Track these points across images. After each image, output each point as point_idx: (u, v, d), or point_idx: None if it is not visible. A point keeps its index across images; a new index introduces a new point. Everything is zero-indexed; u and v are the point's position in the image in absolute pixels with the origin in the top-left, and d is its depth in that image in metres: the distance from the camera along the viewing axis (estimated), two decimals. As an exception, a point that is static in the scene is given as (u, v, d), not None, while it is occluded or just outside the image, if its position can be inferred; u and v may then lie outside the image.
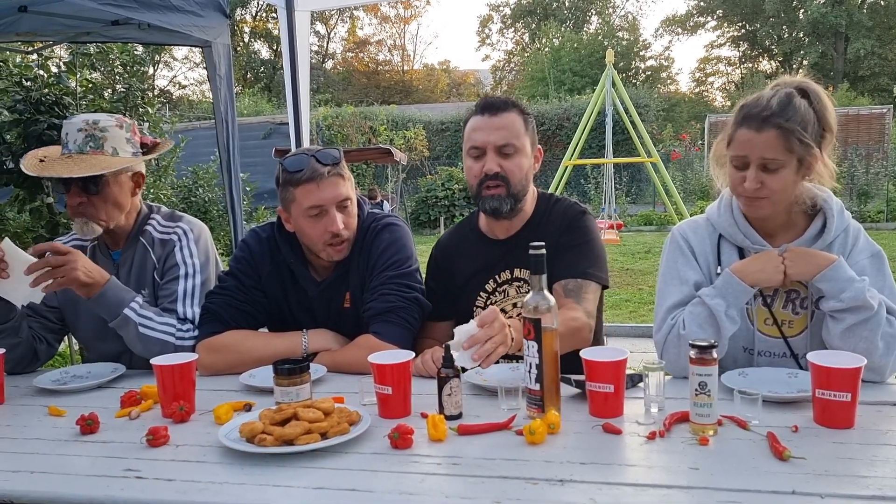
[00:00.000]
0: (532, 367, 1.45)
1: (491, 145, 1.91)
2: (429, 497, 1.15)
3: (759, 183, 1.63)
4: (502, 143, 1.91)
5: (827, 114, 1.66)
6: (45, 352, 2.15)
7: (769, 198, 1.65)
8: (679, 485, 1.14)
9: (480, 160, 1.93)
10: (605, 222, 11.74)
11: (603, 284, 1.95)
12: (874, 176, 14.42)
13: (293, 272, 2.05)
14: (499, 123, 1.92)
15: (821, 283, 1.63)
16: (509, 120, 1.93)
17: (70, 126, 2.04)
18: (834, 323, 1.63)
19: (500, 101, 1.95)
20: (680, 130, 22.74)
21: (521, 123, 1.95)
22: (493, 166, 1.91)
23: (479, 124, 1.94)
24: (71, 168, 1.96)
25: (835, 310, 1.62)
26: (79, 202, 2.03)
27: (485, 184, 1.93)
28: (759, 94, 1.69)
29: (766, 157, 1.62)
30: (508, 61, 42.27)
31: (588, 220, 2.01)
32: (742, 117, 1.66)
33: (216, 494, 1.20)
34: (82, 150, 2.01)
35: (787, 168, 1.63)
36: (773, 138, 1.61)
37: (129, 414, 1.63)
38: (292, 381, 1.56)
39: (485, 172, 1.92)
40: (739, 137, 1.65)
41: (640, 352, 2.53)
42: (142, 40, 3.88)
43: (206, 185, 8.56)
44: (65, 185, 2.03)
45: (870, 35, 30.09)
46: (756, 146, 1.62)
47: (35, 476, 1.32)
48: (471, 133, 1.96)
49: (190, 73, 40.68)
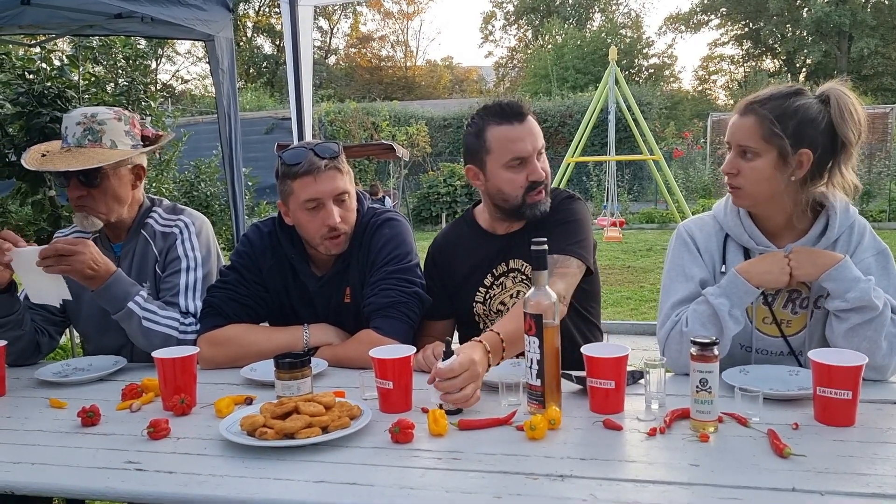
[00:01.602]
0: (533, 362, 1.45)
1: (534, 152, 1.90)
2: (429, 491, 1.15)
3: (736, 169, 1.66)
4: (541, 146, 1.91)
5: (844, 125, 1.61)
6: (46, 344, 2.15)
7: (743, 188, 1.67)
8: (679, 481, 1.14)
9: (523, 169, 1.89)
10: (607, 220, 11.73)
11: (587, 265, 1.90)
12: (877, 175, 14.40)
13: (294, 267, 2.05)
14: (533, 129, 1.90)
15: (826, 282, 1.62)
16: (535, 123, 1.93)
17: (69, 120, 2.04)
18: (838, 322, 1.63)
19: (518, 104, 1.91)
20: (682, 128, 22.69)
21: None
22: (542, 172, 1.90)
23: (516, 134, 1.88)
24: (69, 161, 1.96)
25: (840, 309, 1.62)
26: (79, 195, 2.03)
27: (533, 190, 1.90)
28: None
29: (742, 143, 1.65)
30: (511, 58, 42.23)
31: (576, 204, 2.00)
32: (739, 105, 1.70)
33: (216, 487, 1.20)
34: (80, 143, 2.01)
35: (762, 158, 1.63)
36: (750, 124, 1.64)
37: (130, 406, 1.63)
38: (293, 375, 1.56)
39: (533, 180, 1.89)
40: (730, 122, 1.70)
41: (640, 349, 2.53)
42: (145, 34, 3.88)
43: (208, 180, 8.57)
44: (65, 179, 2.03)
45: (873, 34, 29.99)
46: (737, 131, 1.66)
47: (36, 467, 1.32)
48: (508, 144, 1.88)
49: (192, 67, 40.75)
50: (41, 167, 2.01)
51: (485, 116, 1.92)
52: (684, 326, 1.70)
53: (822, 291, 1.67)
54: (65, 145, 2.03)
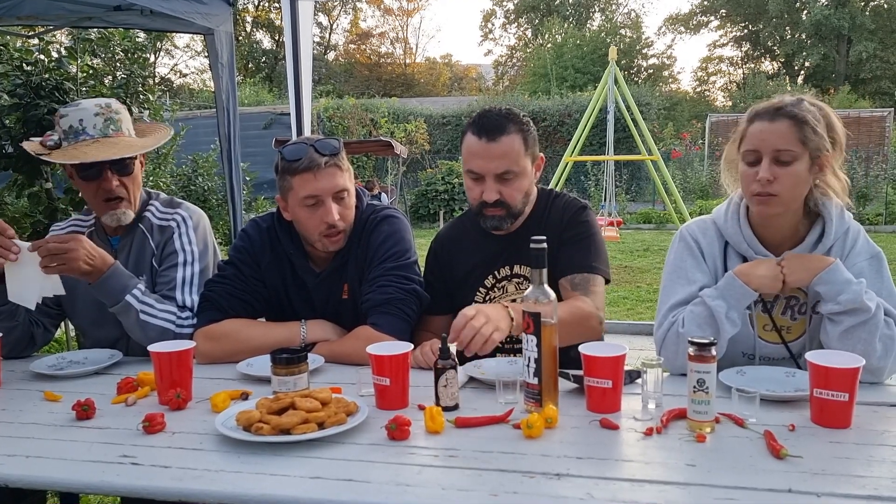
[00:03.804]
0: (531, 361, 1.45)
1: (490, 174, 1.88)
2: (425, 489, 1.15)
3: (773, 176, 1.61)
4: (502, 171, 1.87)
5: (834, 125, 1.66)
6: (41, 336, 2.14)
7: (780, 195, 1.63)
8: (676, 481, 1.14)
9: (480, 184, 1.91)
10: (605, 219, 11.73)
11: (606, 278, 1.95)
12: (874, 179, 14.43)
13: (292, 263, 2.05)
14: (498, 152, 1.85)
15: (818, 286, 1.62)
16: (508, 145, 1.85)
17: (83, 112, 1.99)
18: (832, 325, 1.63)
19: (498, 123, 1.86)
20: (681, 129, 22.68)
21: (520, 144, 1.88)
22: (493, 195, 1.88)
23: (477, 150, 1.87)
24: (108, 151, 1.94)
25: (833, 312, 1.62)
26: (116, 185, 2.01)
27: (485, 208, 1.91)
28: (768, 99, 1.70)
29: (780, 147, 1.61)
30: (511, 56, 42.18)
31: (589, 215, 2.01)
32: (755, 113, 1.67)
33: (212, 482, 1.19)
34: (105, 133, 2.00)
35: (799, 162, 1.62)
36: (787, 128, 1.61)
37: (125, 400, 1.62)
38: (290, 371, 1.55)
39: (484, 200, 1.90)
40: (752, 131, 1.65)
41: (637, 349, 2.54)
42: (144, 26, 3.86)
43: (206, 174, 8.54)
44: (97, 172, 1.98)
45: (872, 38, 30.04)
46: (769, 137, 1.61)
47: (30, 461, 1.32)
48: (469, 157, 1.90)
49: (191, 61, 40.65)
50: (83, 160, 1.93)
51: (469, 121, 1.93)
52: (681, 327, 1.69)
53: (818, 296, 1.68)
54: (85, 137, 1.98)
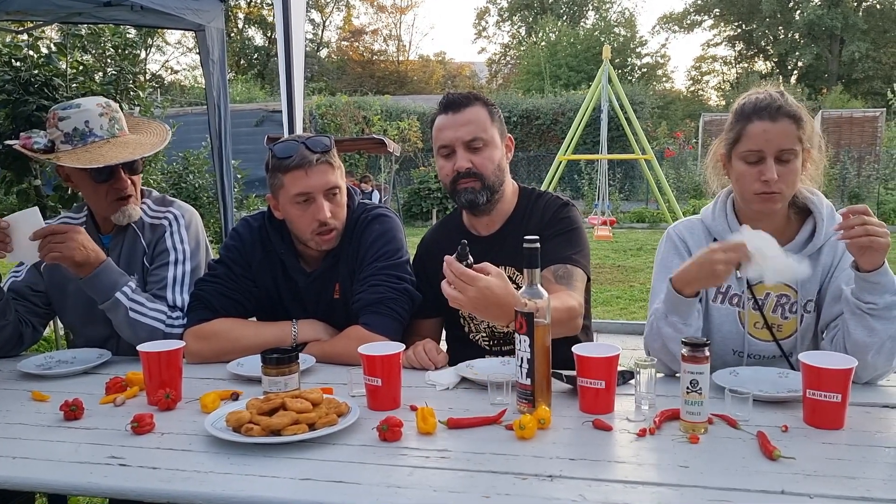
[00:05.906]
0: (523, 361, 1.44)
1: (459, 142, 1.90)
2: (417, 490, 1.14)
3: (778, 175, 1.62)
4: (470, 139, 1.89)
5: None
6: (30, 336, 2.12)
7: (783, 192, 1.64)
8: (669, 482, 1.14)
9: (451, 158, 1.92)
10: (598, 218, 11.75)
11: (587, 274, 1.93)
12: (865, 178, 14.52)
13: (283, 262, 2.03)
14: (464, 119, 1.90)
15: (880, 276, 1.52)
16: (474, 114, 1.91)
17: (86, 113, 1.96)
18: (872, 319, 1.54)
19: (462, 97, 1.93)
20: (674, 128, 22.76)
21: (486, 116, 1.92)
22: (465, 163, 1.90)
23: (444, 123, 1.93)
24: (124, 152, 1.94)
25: (878, 306, 1.53)
26: (128, 184, 2.02)
27: (459, 181, 1.92)
28: (753, 92, 1.69)
29: (784, 147, 1.62)
30: (504, 55, 42.18)
31: (572, 211, 2.00)
32: (752, 111, 1.65)
33: (201, 484, 1.18)
34: (113, 133, 1.99)
35: (798, 159, 1.64)
36: (789, 127, 1.62)
37: (114, 400, 1.61)
38: (280, 371, 1.54)
39: (456, 170, 1.91)
40: (753, 131, 1.64)
41: (630, 349, 2.54)
42: (134, 22, 3.83)
43: (197, 172, 8.51)
44: (109, 174, 1.97)
45: (865, 38, 30.21)
46: (774, 138, 1.62)
47: (17, 461, 1.30)
48: (438, 133, 1.94)
49: (182, 58, 40.48)
50: (95, 163, 1.90)
51: (436, 108, 1.98)
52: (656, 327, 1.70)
53: (811, 296, 1.68)
54: (94, 139, 1.96)
